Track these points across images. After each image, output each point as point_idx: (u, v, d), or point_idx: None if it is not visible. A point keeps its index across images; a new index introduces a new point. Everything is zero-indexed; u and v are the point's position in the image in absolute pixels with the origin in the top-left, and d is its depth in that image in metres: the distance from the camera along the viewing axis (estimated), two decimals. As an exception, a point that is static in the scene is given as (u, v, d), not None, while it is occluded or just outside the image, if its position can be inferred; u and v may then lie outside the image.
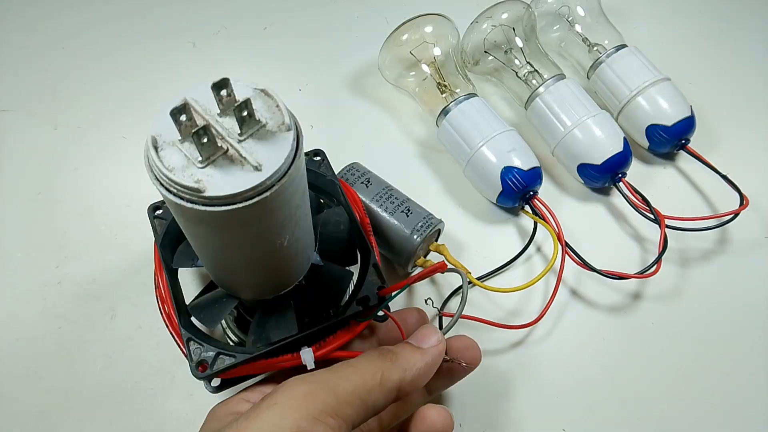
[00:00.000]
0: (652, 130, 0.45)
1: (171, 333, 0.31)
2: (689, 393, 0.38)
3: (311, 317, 0.33)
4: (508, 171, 0.42)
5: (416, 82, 0.48)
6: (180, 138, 0.23)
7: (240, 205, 0.22)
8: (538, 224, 0.42)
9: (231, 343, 0.36)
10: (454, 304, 0.41)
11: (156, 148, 0.22)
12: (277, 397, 0.24)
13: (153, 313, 0.34)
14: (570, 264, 0.41)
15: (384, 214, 0.39)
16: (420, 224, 0.39)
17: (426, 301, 0.37)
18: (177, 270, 0.34)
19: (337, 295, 0.34)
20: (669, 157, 0.48)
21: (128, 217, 0.44)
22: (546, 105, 0.45)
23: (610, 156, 0.43)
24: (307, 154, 0.38)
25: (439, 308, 0.39)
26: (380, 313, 0.32)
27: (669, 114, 0.45)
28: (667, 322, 0.40)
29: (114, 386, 0.37)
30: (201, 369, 0.29)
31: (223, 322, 0.37)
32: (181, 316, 0.31)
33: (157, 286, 0.33)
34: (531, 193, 0.43)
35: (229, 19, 0.57)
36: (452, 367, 0.32)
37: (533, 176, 0.43)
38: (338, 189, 0.37)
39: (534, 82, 0.47)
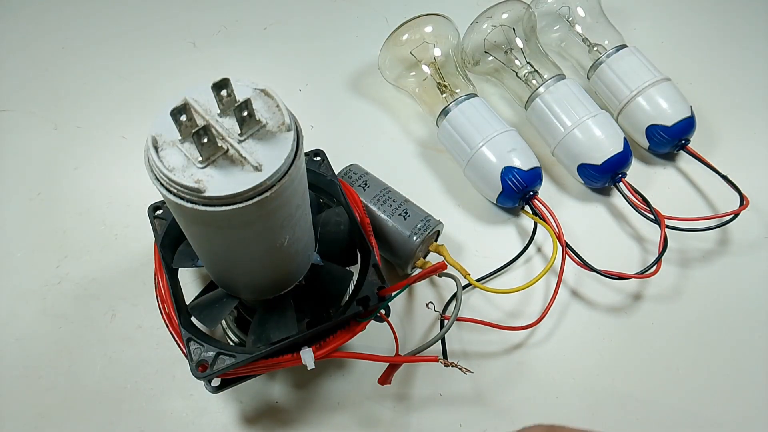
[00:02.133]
0: (652, 130, 0.45)
1: (171, 333, 0.31)
2: (690, 393, 0.38)
3: (311, 317, 0.33)
4: (508, 171, 0.42)
5: (416, 83, 0.48)
6: (180, 138, 0.23)
7: (240, 205, 0.22)
8: (538, 224, 0.42)
9: (231, 343, 0.36)
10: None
11: (156, 148, 0.22)
12: None
13: (153, 313, 0.34)
14: (570, 264, 0.41)
15: (383, 216, 0.39)
16: (418, 226, 0.39)
17: (427, 305, 0.37)
18: (177, 270, 0.34)
19: (337, 295, 0.34)
20: (669, 157, 0.48)
21: (128, 217, 0.44)
22: (546, 105, 0.45)
23: (610, 156, 0.43)
24: (307, 154, 0.38)
25: (440, 312, 0.39)
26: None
27: (669, 114, 0.45)
28: (668, 322, 0.40)
29: (114, 386, 0.37)
30: (201, 369, 0.29)
31: (223, 322, 0.37)
32: (181, 316, 0.31)
33: (157, 286, 0.33)
34: (531, 193, 0.43)
35: (229, 19, 0.57)
36: None
37: (533, 176, 0.43)
38: (338, 189, 0.37)
39: (534, 82, 0.47)
